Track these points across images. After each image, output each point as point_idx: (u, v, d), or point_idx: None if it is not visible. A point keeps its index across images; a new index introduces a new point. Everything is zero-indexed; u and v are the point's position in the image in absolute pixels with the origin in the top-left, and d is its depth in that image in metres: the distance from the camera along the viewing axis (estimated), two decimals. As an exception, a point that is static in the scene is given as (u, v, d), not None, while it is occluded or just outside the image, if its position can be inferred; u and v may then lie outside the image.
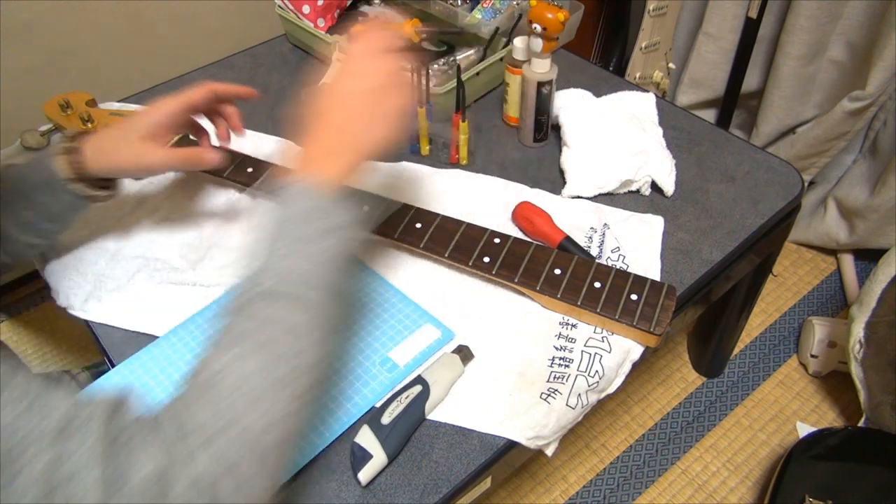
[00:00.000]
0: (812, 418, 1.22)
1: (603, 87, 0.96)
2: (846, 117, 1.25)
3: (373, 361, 0.65)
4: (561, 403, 0.62)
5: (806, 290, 1.42)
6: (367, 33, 0.57)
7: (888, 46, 1.14)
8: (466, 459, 0.60)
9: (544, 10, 0.76)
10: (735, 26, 1.33)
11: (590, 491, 1.14)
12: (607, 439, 1.20)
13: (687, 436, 1.20)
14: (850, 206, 1.34)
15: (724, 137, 0.90)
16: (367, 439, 0.58)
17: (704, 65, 1.42)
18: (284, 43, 1.12)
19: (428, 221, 0.74)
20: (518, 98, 0.88)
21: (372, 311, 0.70)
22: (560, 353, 0.66)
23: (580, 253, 0.72)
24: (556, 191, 0.83)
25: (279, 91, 1.02)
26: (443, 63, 0.97)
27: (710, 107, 1.52)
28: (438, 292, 0.72)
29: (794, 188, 0.83)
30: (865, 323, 1.05)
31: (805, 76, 1.28)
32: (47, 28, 1.14)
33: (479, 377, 0.64)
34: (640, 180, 0.81)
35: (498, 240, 0.72)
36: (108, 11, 1.19)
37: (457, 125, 0.83)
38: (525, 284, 0.68)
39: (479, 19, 0.95)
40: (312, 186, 0.49)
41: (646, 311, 0.65)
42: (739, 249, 0.77)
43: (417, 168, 0.87)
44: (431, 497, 0.57)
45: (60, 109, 0.90)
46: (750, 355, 1.31)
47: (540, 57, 0.81)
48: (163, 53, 1.29)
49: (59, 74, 1.19)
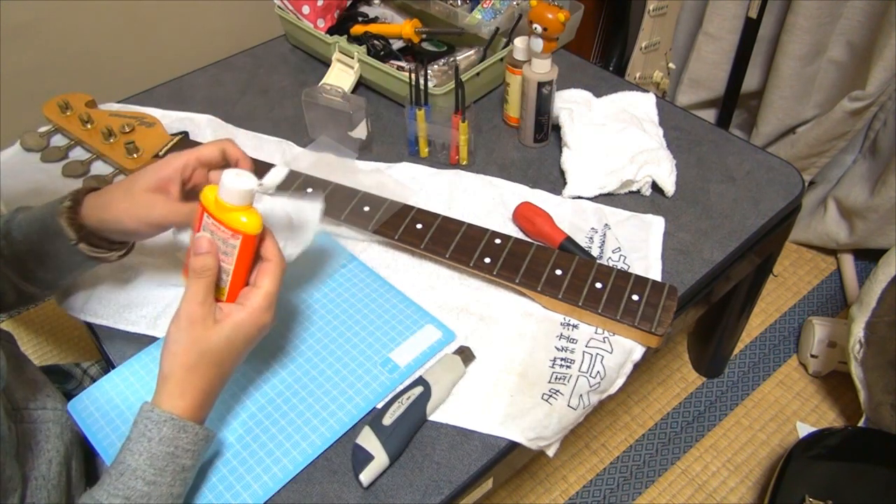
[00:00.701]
0: (812, 418, 1.22)
1: (603, 87, 0.96)
2: (846, 117, 1.25)
3: (374, 362, 0.65)
4: (562, 404, 0.62)
5: (806, 290, 1.42)
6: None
7: (888, 46, 1.14)
8: (468, 460, 0.60)
9: (544, 11, 0.76)
10: (735, 26, 1.33)
11: (590, 491, 1.14)
12: (607, 439, 1.20)
13: (687, 436, 1.20)
14: (850, 206, 1.34)
15: (724, 137, 0.90)
16: (369, 440, 0.58)
17: (704, 65, 1.42)
18: (284, 43, 1.12)
19: (428, 222, 0.74)
20: (518, 98, 0.88)
21: (372, 312, 0.70)
22: (561, 353, 0.66)
23: (581, 253, 0.72)
24: (556, 191, 0.83)
25: (279, 91, 1.02)
26: (443, 63, 0.97)
27: (710, 107, 1.52)
28: (439, 293, 0.72)
29: (795, 188, 0.83)
30: (865, 323, 1.05)
31: (805, 76, 1.28)
32: (47, 28, 1.14)
33: (481, 378, 0.64)
34: (640, 181, 0.81)
35: (499, 240, 0.72)
36: (108, 11, 1.18)
37: (456, 126, 0.83)
38: (526, 285, 0.68)
39: (479, 19, 0.95)
40: (175, 423, 0.51)
41: (647, 312, 0.65)
42: (740, 250, 0.77)
43: (417, 169, 0.87)
44: (433, 498, 0.57)
45: (60, 110, 0.90)
46: (750, 355, 1.31)
47: (540, 57, 0.81)
48: (163, 54, 1.29)
49: (59, 75, 1.19)
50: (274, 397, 0.63)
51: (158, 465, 0.50)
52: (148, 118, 0.90)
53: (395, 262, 0.75)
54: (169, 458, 0.50)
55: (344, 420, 0.61)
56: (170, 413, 0.51)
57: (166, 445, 0.50)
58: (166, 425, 0.50)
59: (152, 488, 0.49)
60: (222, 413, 0.62)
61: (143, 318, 0.70)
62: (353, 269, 0.75)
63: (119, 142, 0.86)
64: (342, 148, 0.90)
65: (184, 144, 0.87)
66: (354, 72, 0.97)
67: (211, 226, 0.53)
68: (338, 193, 0.77)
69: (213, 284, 0.53)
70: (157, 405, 0.51)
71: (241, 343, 0.54)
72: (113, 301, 0.72)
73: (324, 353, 0.66)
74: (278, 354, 0.67)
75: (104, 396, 0.64)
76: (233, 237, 0.52)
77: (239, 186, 0.51)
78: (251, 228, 0.52)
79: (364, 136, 0.89)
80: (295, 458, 0.59)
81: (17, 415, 0.56)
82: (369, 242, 0.78)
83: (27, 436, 0.56)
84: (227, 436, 0.61)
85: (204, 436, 0.53)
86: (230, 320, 0.53)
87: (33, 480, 0.54)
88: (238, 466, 0.59)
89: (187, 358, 0.52)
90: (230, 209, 0.52)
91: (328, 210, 0.76)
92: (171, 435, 0.51)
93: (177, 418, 0.51)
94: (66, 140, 0.90)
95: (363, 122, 0.88)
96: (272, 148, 0.91)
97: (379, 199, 0.76)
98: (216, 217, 0.52)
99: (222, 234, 0.53)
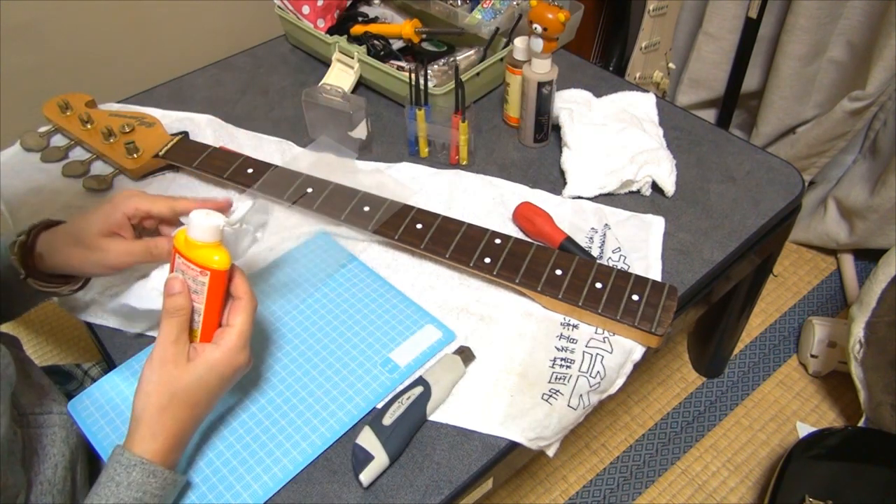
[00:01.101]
0: (812, 418, 1.22)
1: (603, 87, 0.96)
2: (846, 117, 1.25)
3: (374, 362, 0.65)
4: (562, 404, 0.62)
5: (806, 290, 1.42)
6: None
7: (888, 46, 1.14)
8: (468, 460, 0.60)
9: (545, 11, 0.76)
10: (735, 26, 1.33)
11: (590, 491, 1.14)
12: (607, 439, 1.20)
13: (687, 436, 1.20)
14: (850, 206, 1.34)
15: (724, 137, 0.90)
16: (369, 440, 0.58)
17: (704, 65, 1.42)
18: (284, 43, 1.12)
19: (428, 222, 0.74)
20: (518, 98, 0.88)
21: (373, 312, 0.70)
22: (561, 353, 0.66)
23: (581, 253, 0.72)
24: (556, 191, 0.83)
25: (279, 91, 1.02)
26: (443, 63, 0.97)
27: (710, 107, 1.52)
28: (439, 293, 0.72)
29: (795, 188, 0.83)
30: (865, 323, 1.05)
31: (805, 76, 1.28)
32: (47, 28, 1.14)
33: (481, 378, 0.64)
34: (640, 181, 0.81)
35: (499, 240, 0.72)
36: (108, 11, 1.18)
37: (456, 126, 0.83)
38: (526, 285, 0.68)
39: (479, 19, 0.95)
40: (145, 467, 0.50)
41: (647, 312, 0.65)
42: (740, 250, 0.77)
43: (417, 169, 0.87)
44: (433, 498, 0.57)
45: (60, 110, 0.90)
46: (750, 355, 1.31)
47: (540, 57, 0.80)
48: (163, 54, 1.29)
49: (59, 75, 1.19)
50: (274, 397, 0.63)
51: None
52: (148, 118, 0.90)
53: (395, 262, 0.75)
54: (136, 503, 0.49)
55: (344, 420, 0.61)
56: (140, 457, 0.50)
57: (134, 490, 0.49)
58: (135, 469, 0.49)
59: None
60: (223, 414, 0.62)
61: (143, 319, 0.70)
62: (353, 269, 0.75)
63: (119, 142, 0.86)
64: (342, 148, 0.90)
65: (184, 144, 0.87)
66: (354, 72, 0.97)
67: (182, 265, 0.54)
68: (338, 193, 0.77)
69: (186, 324, 0.53)
70: (129, 448, 0.51)
71: (216, 383, 0.53)
72: (113, 301, 0.72)
73: (324, 353, 0.66)
74: (278, 354, 0.67)
75: (104, 396, 0.64)
76: (201, 274, 0.53)
77: (206, 223, 0.53)
78: (219, 264, 0.53)
79: (364, 136, 0.89)
80: (295, 458, 0.59)
81: (24, 420, 0.56)
82: (369, 242, 0.78)
83: (33, 440, 0.56)
84: (227, 436, 0.61)
85: (172, 481, 0.52)
86: (202, 359, 0.52)
87: (38, 485, 0.54)
88: (238, 466, 0.59)
89: (159, 398, 0.51)
90: (199, 246, 0.53)
91: (328, 210, 0.76)
92: (139, 480, 0.49)
93: (147, 462, 0.50)
94: (66, 140, 0.90)
95: (363, 122, 0.88)
96: (272, 148, 0.91)
97: (379, 199, 0.76)
98: (186, 256, 0.53)
99: (192, 272, 0.53)
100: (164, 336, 0.52)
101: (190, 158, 0.84)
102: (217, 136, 0.93)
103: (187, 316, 0.53)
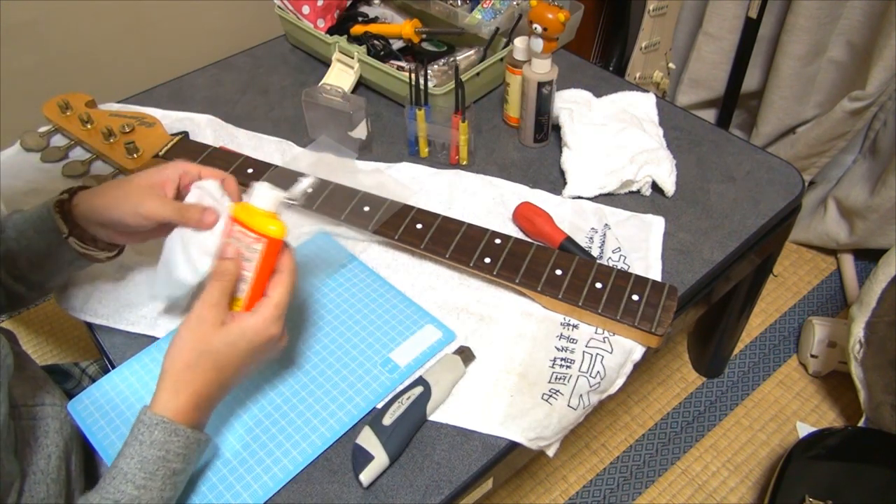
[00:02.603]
0: (812, 418, 1.22)
1: (603, 87, 0.96)
2: (846, 117, 1.25)
3: (374, 362, 0.65)
4: (562, 404, 0.62)
5: (806, 290, 1.42)
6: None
7: (888, 46, 1.14)
8: (468, 460, 0.60)
9: (544, 11, 0.76)
10: (735, 26, 1.33)
11: (590, 491, 1.14)
12: (607, 439, 1.20)
13: (687, 436, 1.20)
14: (850, 205, 1.34)
15: (724, 137, 0.90)
16: (369, 440, 0.58)
17: (704, 65, 1.42)
18: (284, 43, 1.12)
19: (428, 222, 0.74)
20: (518, 98, 0.88)
21: (373, 312, 0.70)
22: (561, 353, 0.66)
23: (581, 253, 0.72)
24: (556, 191, 0.83)
25: (279, 91, 1.02)
26: (443, 63, 0.97)
27: (710, 107, 1.52)
28: (439, 293, 0.72)
29: (795, 188, 0.83)
30: (865, 323, 1.05)
31: (805, 76, 1.28)
32: (47, 28, 1.14)
33: (481, 378, 0.64)
34: (640, 181, 0.81)
35: (499, 240, 0.72)
36: (108, 11, 1.18)
37: (456, 126, 0.83)
38: (526, 285, 0.68)
39: (479, 19, 0.95)
40: (166, 426, 0.51)
41: (647, 312, 0.65)
42: (740, 250, 0.77)
43: (417, 169, 0.87)
44: (433, 498, 0.57)
45: (60, 110, 0.90)
46: (750, 355, 1.31)
47: (540, 57, 0.81)
48: (163, 54, 1.29)
49: (59, 74, 1.19)
50: (274, 397, 0.63)
51: (149, 468, 0.50)
52: (148, 118, 0.90)
53: (395, 262, 0.75)
54: (160, 461, 0.50)
55: (344, 420, 0.61)
56: (161, 416, 0.51)
57: (157, 449, 0.50)
58: (157, 428, 0.50)
59: (142, 492, 0.49)
60: (223, 413, 0.62)
61: (144, 318, 0.70)
62: (353, 269, 0.75)
63: (119, 142, 0.86)
64: (342, 148, 0.90)
65: (184, 144, 0.87)
66: (354, 72, 0.97)
67: (238, 233, 0.55)
68: (338, 193, 0.77)
69: (229, 290, 0.54)
70: (153, 405, 0.52)
71: (245, 350, 0.54)
72: (113, 301, 0.72)
73: (324, 353, 0.66)
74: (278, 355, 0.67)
75: (104, 396, 0.64)
76: (256, 241, 0.54)
77: (270, 193, 0.55)
78: (276, 233, 0.54)
79: (364, 136, 0.89)
80: (295, 458, 0.59)
81: (16, 412, 0.57)
82: (369, 242, 0.78)
83: (26, 432, 0.56)
84: (227, 436, 0.61)
85: (196, 440, 0.53)
86: (236, 324, 0.53)
87: (32, 475, 0.54)
88: (238, 466, 0.59)
89: (188, 355, 0.52)
90: (259, 213, 0.54)
91: (328, 210, 0.76)
92: (161, 438, 0.50)
93: (168, 421, 0.51)
94: (66, 140, 0.90)
95: (363, 122, 0.88)
96: (272, 148, 0.91)
97: (379, 199, 0.76)
98: (244, 223, 0.55)
99: (247, 239, 0.55)
100: (205, 298, 0.53)
101: (190, 158, 0.84)
102: (217, 136, 0.93)
103: (232, 282, 0.54)
